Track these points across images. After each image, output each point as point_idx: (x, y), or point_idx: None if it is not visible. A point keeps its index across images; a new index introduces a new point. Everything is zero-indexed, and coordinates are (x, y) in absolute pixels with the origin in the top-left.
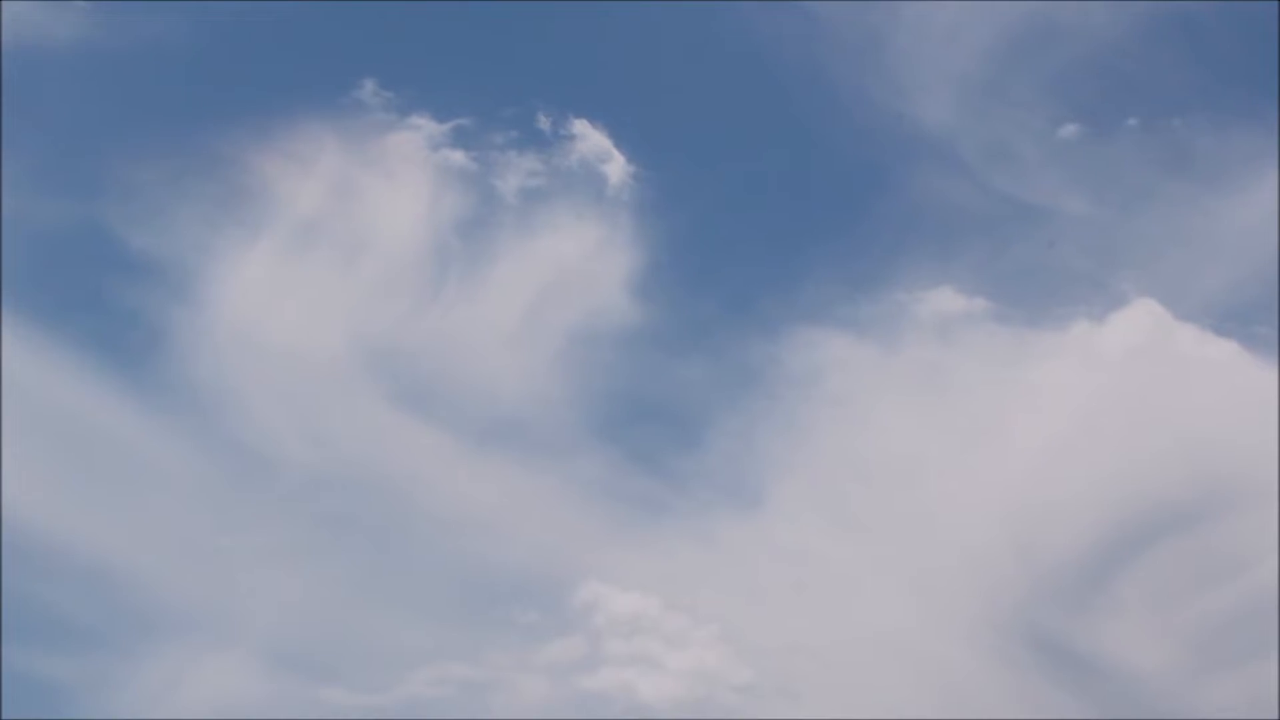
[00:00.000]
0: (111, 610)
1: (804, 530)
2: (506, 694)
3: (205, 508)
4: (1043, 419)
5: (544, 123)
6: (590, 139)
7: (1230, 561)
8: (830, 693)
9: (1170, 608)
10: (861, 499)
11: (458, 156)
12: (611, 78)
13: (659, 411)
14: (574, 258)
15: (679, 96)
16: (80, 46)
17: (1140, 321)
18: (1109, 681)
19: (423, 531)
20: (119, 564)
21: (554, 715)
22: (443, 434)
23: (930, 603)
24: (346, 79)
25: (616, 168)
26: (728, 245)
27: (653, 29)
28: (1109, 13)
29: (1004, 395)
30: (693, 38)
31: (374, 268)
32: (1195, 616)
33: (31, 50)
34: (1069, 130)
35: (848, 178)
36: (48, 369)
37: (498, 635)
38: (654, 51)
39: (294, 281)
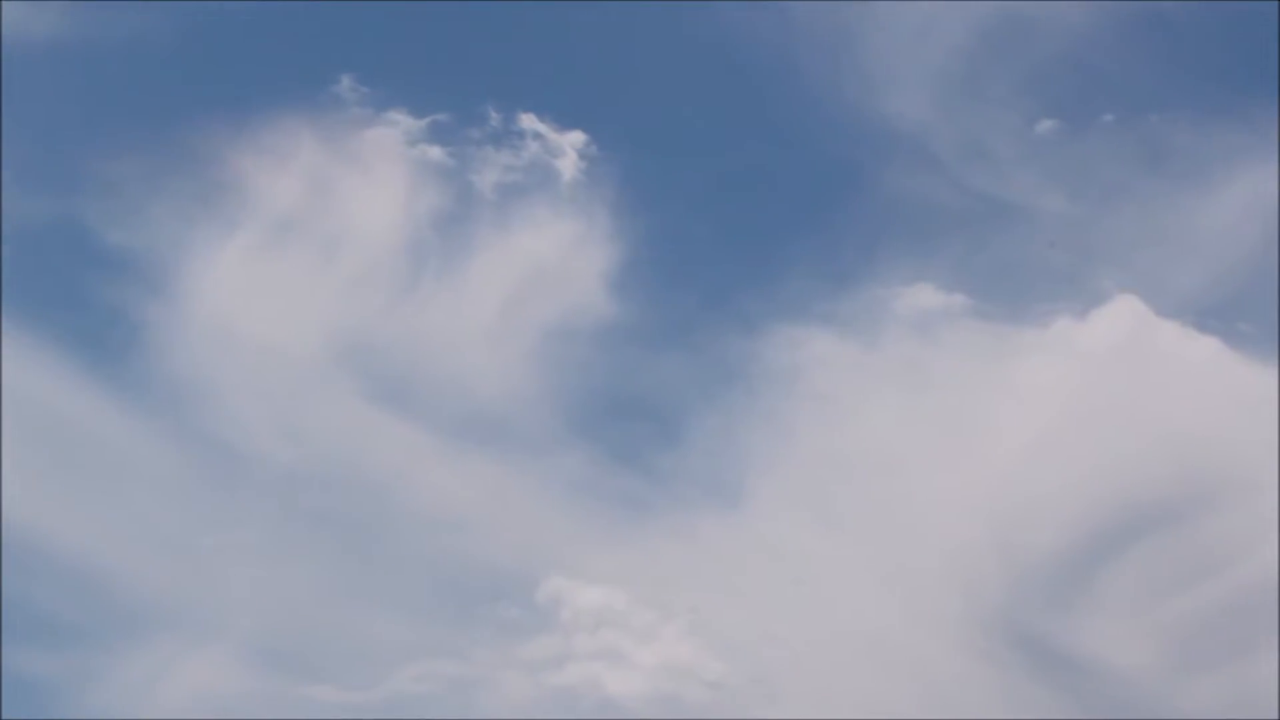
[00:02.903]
0: (92, 607)
1: (784, 526)
2: (491, 691)
3: (184, 503)
4: (1024, 415)
5: (521, 119)
6: (567, 136)
7: (1213, 559)
8: (806, 689)
9: (1152, 605)
10: (842, 495)
11: (435, 152)
12: (589, 75)
13: (638, 408)
14: (551, 254)
15: (655, 94)
16: (57, 43)
17: (1121, 318)
18: (1091, 679)
19: (403, 528)
20: (99, 560)
21: (537, 711)
22: (420, 430)
23: (910, 599)
24: (323, 74)
25: (593, 164)
26: (706, 242)
27: (629, 27)
28: (1084, 9)
29: (985, 392)
30: (668, 36)
31: (351, 263)
32: (1177, 614)
33: (9, 47)
34: (1045, 126)
35: (824, 174)
36: (25, 365)
37: (481, 632)
38: (630, 49)
39: (271, 277)
